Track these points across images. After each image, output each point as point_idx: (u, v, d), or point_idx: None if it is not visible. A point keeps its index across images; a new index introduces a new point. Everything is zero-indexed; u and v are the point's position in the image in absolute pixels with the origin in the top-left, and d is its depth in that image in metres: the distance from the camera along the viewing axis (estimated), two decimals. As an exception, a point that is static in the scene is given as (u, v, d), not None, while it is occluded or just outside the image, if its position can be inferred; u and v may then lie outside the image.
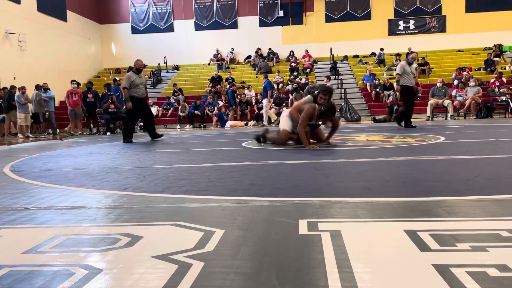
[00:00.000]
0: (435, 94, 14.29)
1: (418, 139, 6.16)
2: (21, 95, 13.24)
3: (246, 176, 3.32)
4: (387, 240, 1.62)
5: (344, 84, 17.48)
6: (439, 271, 1.28)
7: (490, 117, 13.62)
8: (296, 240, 1.64)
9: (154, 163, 4.52)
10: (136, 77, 8.49)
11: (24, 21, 16.59)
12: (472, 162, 3.73)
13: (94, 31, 22.48)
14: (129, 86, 8.39)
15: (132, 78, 8.45)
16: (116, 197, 2.68)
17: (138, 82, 8.47)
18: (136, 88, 8.47)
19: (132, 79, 8.43)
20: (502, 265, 1.31)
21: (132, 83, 8.40)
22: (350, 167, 3.69)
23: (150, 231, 1.87)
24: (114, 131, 13.90)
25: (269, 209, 2.18)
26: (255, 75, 20.12)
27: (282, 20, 22.23)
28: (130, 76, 8.47)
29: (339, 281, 1.23)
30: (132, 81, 8.41)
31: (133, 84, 8.42)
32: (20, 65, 16.02)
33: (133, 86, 8.43)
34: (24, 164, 4.99)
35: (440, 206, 2.10)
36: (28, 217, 2.24)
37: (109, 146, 7.56)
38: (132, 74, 8.52)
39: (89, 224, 2.04)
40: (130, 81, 8.40)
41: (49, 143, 9.59)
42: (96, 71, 22.62)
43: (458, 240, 1.57)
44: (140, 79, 8.57)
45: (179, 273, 1.34)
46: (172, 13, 22.75)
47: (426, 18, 21.61)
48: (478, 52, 20.28)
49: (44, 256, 1.59)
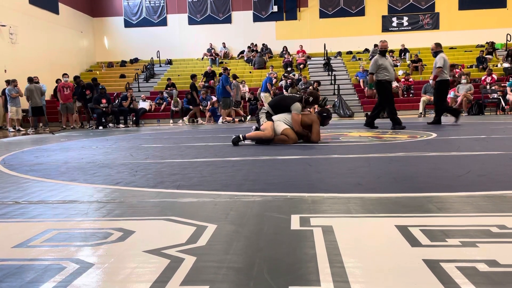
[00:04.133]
0: (427, 91, 14.37)
1: (410, 136, 6.19)
2: (12, 88, 13.06)
3: (239, 171, 3.32)
4: (379, 236, 1.64)
5: (337, 80, 17.50)
6: (429, 266, 1.29)
7: (481, 114, 13.72)
8: (288, 235, 1.65)
9: (147, 158, 4.51)
10: (383, 59, 7.82)
11: (16, 14, 16.38)
12: (463, 158, 3.76)
13: (86, 24, 22.25)
14: (375, 71, 7.79)
15: (379, 61, 7.79)
16: (108, 192, 2.67)
17: (385, 65, 7.80)
18: (385, 71, 7.80)
19: (379, 63, 7.78)
20: (492, 260, 1.32)
21: (379, 66, 7.76)
22: (342, 163, 3.70)
23: (142, 226, 1.87)
24: (106, 125, 13.83)
25: (262, 204, 2.18)
26: (248, 70, 20.08)
27: (276, 15, 22.17)
28: (377, 60, 7.83)
29: (330, 276, 1.24)
30: (379, 64, 7.76)
31: (381, 67, 7.77)
32: (11, 58, 15.83)
33: (381, 69, 7.78)
34: (15, 158, 4.95)
35: (431, 202, 2.11)
36: (19, 211, 2.23)
37: (101, 141, 7.51)
38: (378, 58, 7.88)
39: (80, 218, 2.03)
40: (377, 65, 7.77)
41: (40, 137, 9.51)
42: (89, 64, 22.42)
43: (448, 235, 1.58)
44: (386, 61, 7.89)
45: (171, 268, 1.34)
46: (166, 7, 22.58)
47: (419, 15, 21.67)
48: (471, 49, 20.39)
49: (35, 250, 1.58)
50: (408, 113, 15.16)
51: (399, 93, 16.21)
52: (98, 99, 13.73)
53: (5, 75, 14.72)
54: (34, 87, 13.15)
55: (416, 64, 18.34)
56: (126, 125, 14.60)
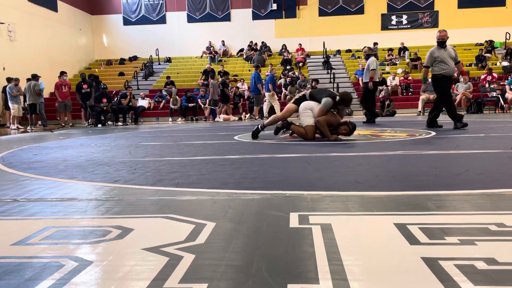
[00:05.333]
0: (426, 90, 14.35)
1: (409, 134, 6.20)
2: (14, 87, 13.04)
3: (238, 169, 3.32)
4: (377, 233, 1.64)
5: (336, 78, 17.50)
6: (428, 264, 1.29)
7: (480, 113, 13.74)
8: (287, 233, 1.65)
9: (146, 156, 4.50)
10: (440, 51, 6.97)
11: (14, 11, 16.34)
12: (462, 157, 3.76)
13: (85, 22, 22.21)
14: (430, 64, 7.03)
15: (434, 54, 6.98)
16: (107, 189, 2.67)
17: (443, 57, 6.92)
18: (441, 65, 6.93)
19: (435, 55, 6.97)
20: (490, 258, 1.33)
21: (435, 59, 6.96)
22: (341, 161, 3.70)
23: (141, 224, 1.86)
24: (105, 123, 13.82)
25: (261, 202, 2.18)
26: (247, 69, 20.06)
27: (275, 13, 22.14)
28: (433, 52, 7.02)
29: (329, 274, 1.24)
30: (435, 57, 6.95)
31: (437, 60, 6.95)
32: (9, 56, 15.80)
33: (437, 62, 6.96)
34: (14, 156, 4.94)
35: (429, 200, 2.11)
36: (17, 208, 2.23)
37: (100, 138, 7.50)
38: (435, 49, 7.04)
39: (79, 216, 2.03)
40: (433, 57, 6.99)
41: (39, 135, 9.50)
42: (87, 62, 22.37)
43: (447, 233, 1.58)
44: (445, 52, 6.97)
45: (170, 265, 1.34)
46: (165, 4, 22.54)
47: (418, 13, 21.67)
48: (470, 48, 20.41)
49: (33, 248, 1.58)
50: (407, 112, 15.18)
51: (398, 91, 16.23)
52: (99, 98, 13.71)
53: (4, 73, 14.68)
54: (33, 84, 13.05)
55: (415, 63, 18.34)
56: (125, 123, 14.59)
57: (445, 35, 7.07)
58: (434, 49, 7.09)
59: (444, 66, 6.95)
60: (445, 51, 7.01)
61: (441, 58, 6.96)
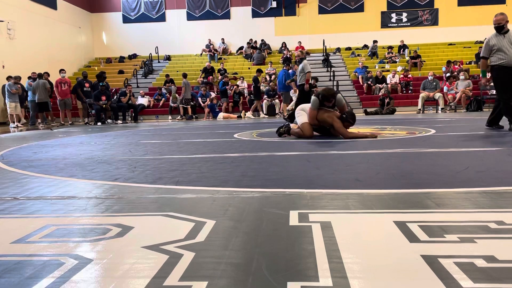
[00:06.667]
0: (426, 87, 14.38)
1: (409, 132, 6.20)
2: (13, 85, 13.00)
3: (238, 167, 3.32)
4: (377, 231, 1.64)
5: (336, 76, 17.48)
6: (427, 262, 1.29)
7: (480, 111, 13.72)
8: (287, 231, 1.65)
9: (145, 154, 4.50)
10: (498, 38, 6.06)
11: (14, 9, 16.31)
12: (462, 154, 3.76)
13: (84, 19, 22.17)
14: (487, 54, 6.17)
15: (490, 42, 6.11)
16: (106, 188, 2.67)
17: (500, 45, 6.01)
18: (499, 54, 6.03)
19: (490, 44, 6.10)
20: (490, 256, 1.33)
21: (491, 48, 6.10)
22: (341, 159, 3.71)
23: (141, 222, 1.86)
24: (104, 121, 13.81)
25: (260, 200, 2.18)
26: (247, 67, 20.04)
27: (275, 11, 22.11)
28: (489, 40, 6.15)
29: (329, 272, 1.24)
30: (492, 45, 6.09)
31: (493, 49, 6.08)
32: (9, 54, 15.78)
33: (494, 51, 6.08)
34: (14, 154, 4.94)
35: (429, 198, 2.12)
36: (17, 207, 2.23)
37: (100, 137, 7.50)
38: (492, 37, 6.15)
39: (79, 214, 2.03)
40: (489, 45, 6.12)
41: (39, 133, 9.50)
42: (87, 60, 22.35)
43: (446, 231, 1.58)
44: (504, 40, 6.02)
45: (170, 263, 1.34)
46: (164, 2, 22.50)
47: (418, 11, 21.64)
48: (470, 45, 20.39)
49: (33, 246, 1.58)
50: (407, 110, 15.18)
51: (397, 89, 16.22)
52: (98, 95, 13.69)
53: (3, 71, 14.66)
54: (40, 82, 13.08)
55: (415, 60, 18.33)
56: (124, 121, 14.58)
57: (502, 18, 6.11)
58: (491, 36, 6.19)
59: (502, 56, 5.99)
60: (503, 38, 6.05)
61: (498, 46, 6.03)
